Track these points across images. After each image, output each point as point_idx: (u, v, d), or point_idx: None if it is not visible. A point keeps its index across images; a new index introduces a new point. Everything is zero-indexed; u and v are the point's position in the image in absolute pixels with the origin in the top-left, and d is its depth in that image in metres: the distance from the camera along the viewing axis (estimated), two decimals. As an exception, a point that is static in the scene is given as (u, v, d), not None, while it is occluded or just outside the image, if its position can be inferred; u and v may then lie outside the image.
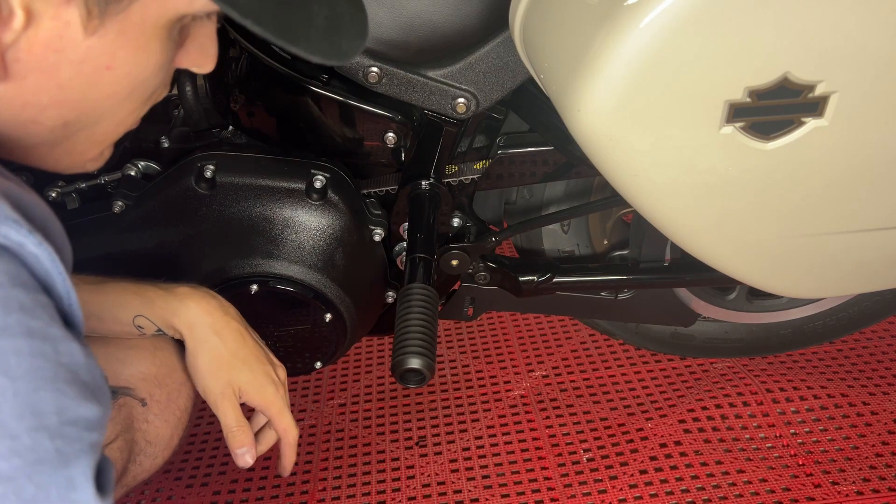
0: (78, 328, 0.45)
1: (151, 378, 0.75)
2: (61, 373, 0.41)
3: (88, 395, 0.42)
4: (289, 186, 0.91)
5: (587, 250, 1.10)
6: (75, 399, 0.41)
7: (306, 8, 0.52)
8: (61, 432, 0.40)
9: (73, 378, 0.41)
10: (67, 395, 0.41)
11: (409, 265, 0.90)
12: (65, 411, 0.40)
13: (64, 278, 0.43)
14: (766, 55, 0.59)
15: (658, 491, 1.04)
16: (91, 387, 0.43)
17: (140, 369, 0.74)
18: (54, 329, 0.41)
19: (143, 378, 0.74)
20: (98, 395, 0.43)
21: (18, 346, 0.39)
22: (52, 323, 0.41)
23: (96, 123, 0.52)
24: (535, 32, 0.71)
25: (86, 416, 0.42)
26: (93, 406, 0.42)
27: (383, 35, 0.82)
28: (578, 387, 1.25)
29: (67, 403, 0.41)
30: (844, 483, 1.03)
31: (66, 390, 0.41)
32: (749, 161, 0.66)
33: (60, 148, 0.53)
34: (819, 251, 0.76)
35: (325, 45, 0.52)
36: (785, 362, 1.25)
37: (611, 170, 0.68)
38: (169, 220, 0.92)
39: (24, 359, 0.39)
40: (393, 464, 1.13)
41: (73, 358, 0.42)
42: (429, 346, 0.79)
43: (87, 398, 0.42)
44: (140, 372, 0.74)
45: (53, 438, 0.39)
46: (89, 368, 0.43)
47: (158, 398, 0.75)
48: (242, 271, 0.93)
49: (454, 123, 0.90)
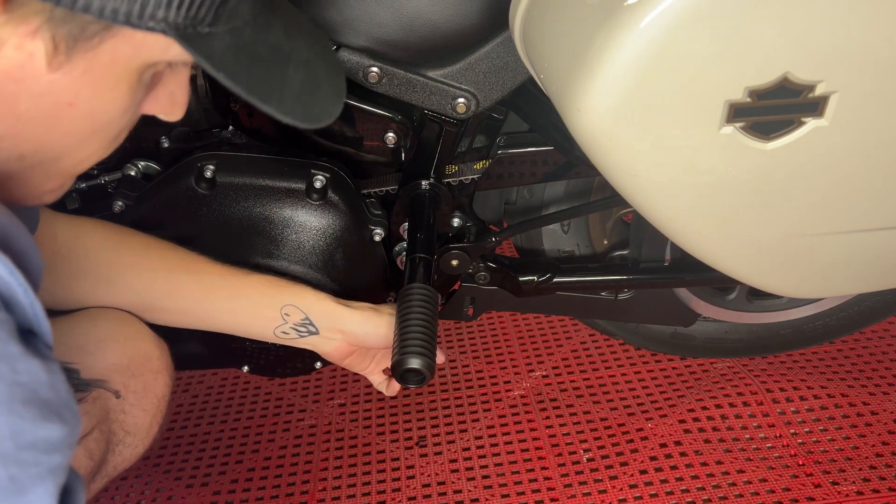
0: (45, 339, 0.44)
1: (124, 369, 0.74)
2: (18, 393, 0.39)
3: (50, 414, 0.40)
4: (289, 186, 0.91)
5: (587, 250, 1.10)
6: (33, 420, 0.39)
7: (282, 69, 0.51)
8: (17, 458, 0.38)
9: (32, 397, 0.40)
10: (24, 418, 0.39)
11: (409, 265, 0.90)
12: (21, 434, 0.38)
13: (26, 290, 0.41)
14: (766, 55, 0.59)
15: (658, 491, 1.04)
16: (54, 405, 0.41)
17: (112, 361, 0.74)
18: (11, 346, 0.39)
19: (116, 369, 0.74)
20: (61, 412, 0.41)
21: None
22: (9, 340, 0.39)
23: (55, 160, 0.51)
24: (535, 32, 0.71)
25: (46, 438, 0.40)
26: (54, 426, 0.40)
27: (383, 35, 0.82)
28: (578, 387, 1.25)
29: (24, 426, 0.39)
30: (844, 483, 1.03)
31: (23, 412, 0.39)
32: (749, 161, 0.66)
33: (15, 180, 0.51)
34: (819, 251, 0.76)
35: (297, 107, 0.52)
36: (785, 362, 1.25)
37: (611, 170, 0.68)
38: (169, 220, 0.92)
39: None
40: (393, 464, 1.13)
41: (32, 376, 0.40)
42: (429, 346, 0.79)
43: (47, 418, 0.40)
44: (112, 364, 0.74)
45: (7, 465, 0.38)
46: (52, 385, 0.41)
47: (134, 388, 0.75)
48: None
49: (454, 123, 0.90)
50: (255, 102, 0.49)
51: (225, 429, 1.24)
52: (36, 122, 0.46)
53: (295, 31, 0.55)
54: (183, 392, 1.33)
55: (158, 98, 0.54)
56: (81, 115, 0.47)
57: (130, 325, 0.79)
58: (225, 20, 0.47)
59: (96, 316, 0.78)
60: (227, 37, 0.48)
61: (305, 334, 0.86)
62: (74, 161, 0.52)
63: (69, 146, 0.50)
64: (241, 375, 1.35)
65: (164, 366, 0.79)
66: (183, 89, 0.56)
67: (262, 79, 0.50)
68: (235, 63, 0.48)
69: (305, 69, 0.54)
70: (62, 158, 0.51)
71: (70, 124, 0.48)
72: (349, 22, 0.81)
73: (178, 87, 0.55)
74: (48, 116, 0.46)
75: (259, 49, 0.50)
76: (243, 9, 0.48)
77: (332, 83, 0.56)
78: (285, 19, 0.54)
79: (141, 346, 0.78)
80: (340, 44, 0.83)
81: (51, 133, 0.48)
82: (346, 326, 0.86)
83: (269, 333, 0.85)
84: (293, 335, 0.86)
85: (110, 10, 0.42)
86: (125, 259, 0.81)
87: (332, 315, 0.86)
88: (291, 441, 1.20)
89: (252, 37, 0.50)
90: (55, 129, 0.48)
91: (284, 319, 0.84)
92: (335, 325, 0.86)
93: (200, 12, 0.45)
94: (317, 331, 0.86)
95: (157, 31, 0.45)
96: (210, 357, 1.02)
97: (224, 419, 1.26)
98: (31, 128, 0.47)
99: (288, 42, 0.53)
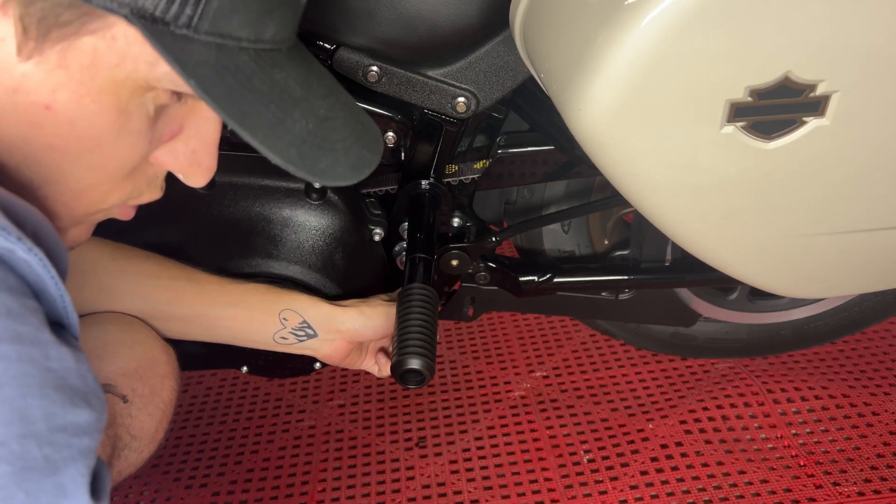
0: (73, 331, 0.45)
1: (132, 373, 0.74)
2: (49, 378, 0.40)
3: (78, 400, 0.42)
4: (288, 186, 0.91)
5: (588, 250, 1.10)
6: (63, 405, 0.41)
7: (281, 109, 0.48)
8: (50, 439, 0.39)
9: (62, 383, 0.41)
10: (55, 402, 0.40)
11: (409, 265, 0.90)
12: (53, 417, 0.40)
13: (56, 282, 0.42)
14: (767, 54, 0.59)
15: (659, 492, 1.04)
16: (82, 391, 0.42)
17: (120, 365, 0.74)
18: (43, 334, 0.41)
19: (124, 373, 0.74)
20: (90, 399, 0.43)
21: (5, 352, 0.38)
22: (42, 328, 0.41)
23: (50, 183, 0.47)
24: (536, 32, 0.70)
25: (75, 422, 0.41)
26: (83, 411, 0.42)
27: (383, 34, 0.81)
28: (579, 387, 1.24)
29: (55, 410, 0.40)
30: (846, 484, 1.03)
31: (54, 396, 0.40)
32: (750, 161, 0.65)
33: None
34: (821, 251, 0.76)
35: (290, 150, 0.48)
36: (786, 363, 1.25)
37: (611, 169, 0.68)
38: (168, 220, 0.92)
39: (12, 364, 0.38)
40: (393, 465, 1.13)
41: (62, 363, 0.41)
42: (429, 347, 0.79)
43: (75, 404, 0.42)
44: (120, 367, 0.74)
45: (42, 445, 0.39)
46: (80, 373, 0.43)
47: (141, 392, 0.75)
48: (242, 271, 0.92)
49: (454, 123, 0.90)
50: (234, 125, 0.45)
51: (224, 429, 1.24)
52: (14, 125, 0.44)
53: (320, 91, 0.51)
54: (183, 392, 1.32)
55: (176, 151, 0.51)
56: (62, 123, 0.44)
57: (138, 330, 0.79)
58: (207, 29, 0.43)
59: (104, 321, 0.78)
60: (211, 50, 0.44)
61: (304, 338, 0.87)
62: (72, 191, 0.49)
63: (57, 165, 0.47)
64: (241, 376, 1.34)
65: (171, 370, 0.79)
66: (208, 150, 0.52)
67: (249, 106, 0.46)
68: (216, 78, 0.44)
69: (319, 124, 0.50)
70: (55, 183, 0.48)
71: (52, 135, 0.45)
72: (348, 21, 0.81)
73: (203, 147, 0.52)
74: (26, 120, 0.44)
75: (255, 80, 0.47)
76: (235, 28, 0.45)
77: (353, 152, 0.52)
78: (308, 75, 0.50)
79: (149, 350, 0.78)
80: (340, 43, 0.83)
81: (31, 143, 0.45)
82: (342, 325, 0.88)
83: (268, 339, 0.86)
84: (292, 339, 0.87)
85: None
86: (125, 267, 0.81)
87: (328, 316, 0.87)
88: (291, 441, 1.20)
89: (248, 65, 0.46)
90: (36, 136, 0.45)
91: (283, 324, 0.86)
92: (332, 325, 0.87)
93: (172, 6, 0.42)
94: (315, 333, 0.87)
95: (120, 14, 0.41)
96: (209, 357, 1.02)
97: (224, 420, 1.26)
98: (9, 132, 0.44)
99: (302, 91, 0.50)
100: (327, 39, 0.83)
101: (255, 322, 0.86)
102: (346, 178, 0.51)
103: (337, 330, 0.88)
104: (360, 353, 0.94)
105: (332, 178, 0.51)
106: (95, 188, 0.50)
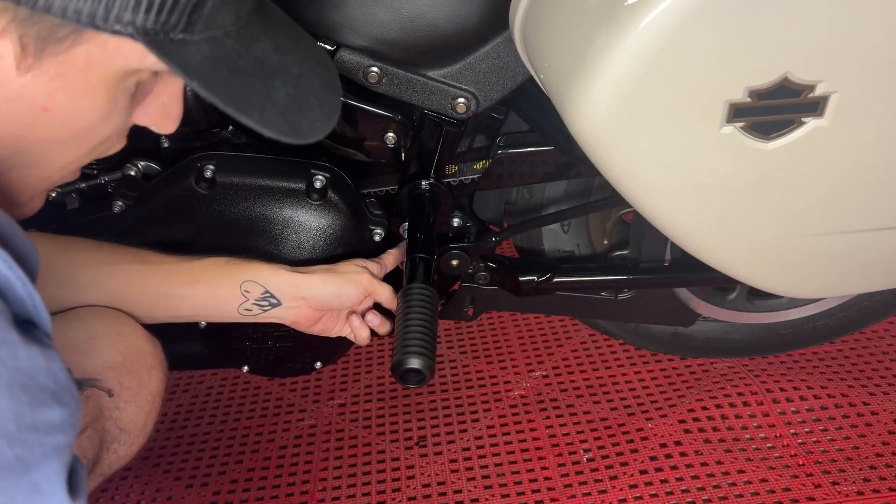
0: (45, 329, 0.45)
1: (118, 366, 0.74)
2: (17, 377, 0.40)
3: (48, 399, 0.42)
4: (289, 186, 0.91)
5: (587, 250, 1.10)
6: (31, 404, 0.41)
7: (265, 83, 0.51)
8: (20, 438, 0.39)
9: (31, 383, 0.41)
10: (23, 401, 0.40)
11: (409, 265, 0.90)
12: (22, 417, 0.40)
13: (24, 282, 0.42)
14: (766, 55, 0.59)
15: (658, 491, 1.04)
16: (52, 389, 0.42)
17: (105, 358, 0.74)
18: (10, 334, 0.40)
19: (110, 367, 0.73)
20: (61, 396, 0.43)
21: None
22: (8, 328, 0.41)
23: (32, 166, 0.51)
24: (535, 32, 0.71)
25: (45, 420, 0.41)
26: (53, 409, 0.42)
27: (383, 35, 0.82)
28: (578, 387, 1.25)
29: (23, 409, 0.40)
30: (845, 483, 1.03)
31: (22, 396, 0.40)
32: (749, 161, 0.66)
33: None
34: (819, 251, 0.76)
35: (280, 121, 0.51)
36: (785, 362, 1.25)
37: (611, 169, 0.68)
38: (169, 220, 0.92)
39: None
40: (393, 464, 1.13)
41: (31, 362, 0.41)
42: (429, 346, 0.79)
43: (45, 403, 0.42)
44: (106, 361, 0.74)
45: (12, 445, 0.39)
46: (50, 371, 0.43)
47: (128, 384, 0.74)
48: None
49: (454, 123, 0.90)
50: (233, 113, 0.48)
51: (225, 429, 1.24)
52: (10, 126, 0.46)
53: (288, 46, 0.54)
54: (183, 392, 1.33)
55: (149, 109, 0.54)
56: (58, 120, 0.47)
57: (122, 323, 0.78)
58: (201, 28, 0.47)
59: (87, 315, 0.78)
60: (204, 46, 0.47)
61: (268, 307, 0.86)
62: (52, 169, 0.52)
63: (48, 151, 0.50)
64: (241, 375, 1.35)
65: (158, 362, 0.79)
66: (176, 102, 0.55)
67: (242, 91, 0.49)
68: (213, 73, 0.47)
69: (295, 84, 0.53)
70: (39, 165, 0.51)
71: (47, 129, 0.47)
72: (349, 22, 0.81)
73: (171, 99, 0.55)
74: (22, 122, 0.46)
75: (241, 62, 0.50)
76: (223, 18, 0.48)
77: (323, 100, 0.55)
78: (278, 33, 0.54)
79: (134, 342, 0.78)
80: (340, 44, 0.83)
81: (27, 138, 0.47)
82: (305, 292, 0.87)
83: (233, 313, 0.85)
84: (256, 310, 0.86)
85: (73, 10, 0.42)
86: (80, 258, 0.80)
87: (290, 283, 0.86)
88: (291, 441, 1.20)
89: (234, 49, 0.49)
90: (31, 133, 0.47)
91: (245, 297, 0.85)
92: (295, 292, 0.86)
93: (171, 18, 0.45)
94: (279, 302, 0.86)
95: (125, 35, 0.44)
96: (210, 357, 1.02)
97: (224, 419, 1.26)
98: (4, 132, 0.46)
99: (277, 56, 0.53)
100: (328, 40, 0.83)
101: (218, 297, 0.84)
102: (325, 129, 0.55)
103: (301, 297, 0.86)
104: (334, 319, 0.92)
105: (315, 134, 0.54)
106: (76, 161, 0.53)
